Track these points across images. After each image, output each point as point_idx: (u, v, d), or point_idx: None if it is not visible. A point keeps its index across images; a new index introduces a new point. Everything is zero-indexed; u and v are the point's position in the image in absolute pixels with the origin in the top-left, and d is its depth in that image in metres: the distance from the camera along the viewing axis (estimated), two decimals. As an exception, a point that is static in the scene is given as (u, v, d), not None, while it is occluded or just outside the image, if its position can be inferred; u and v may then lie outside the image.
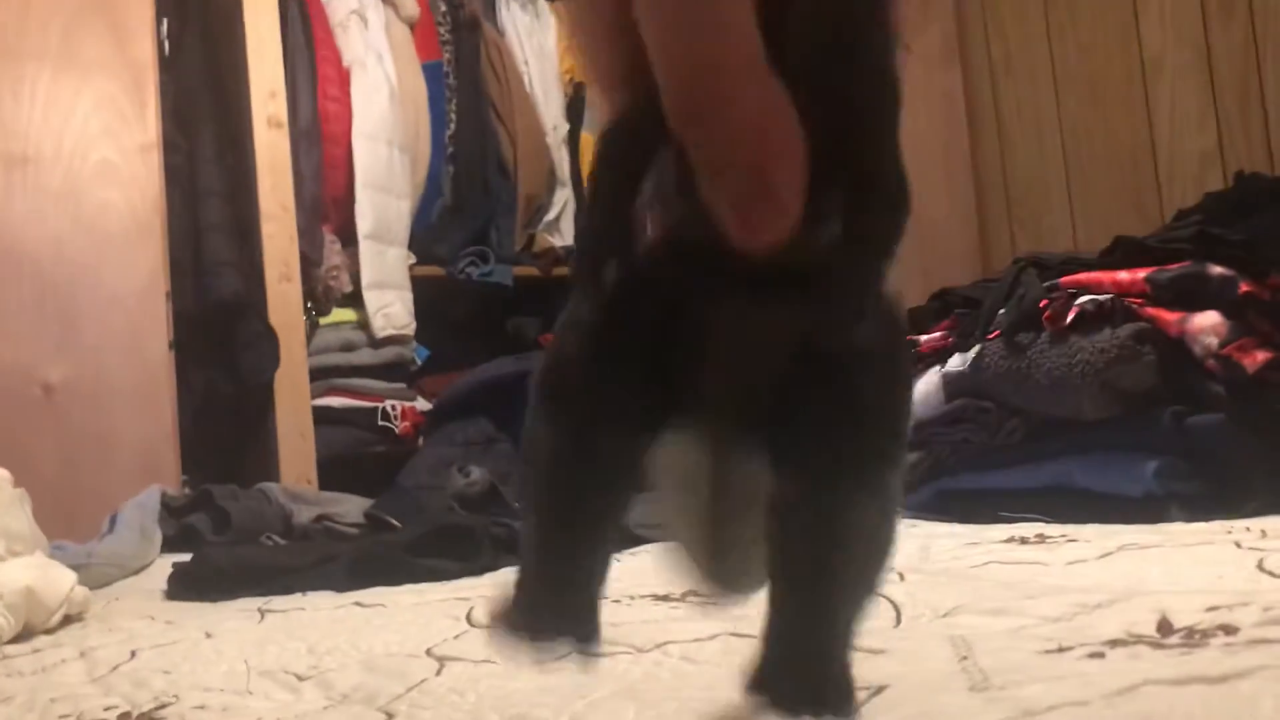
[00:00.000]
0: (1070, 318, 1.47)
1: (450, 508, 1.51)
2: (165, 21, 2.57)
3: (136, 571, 1.56)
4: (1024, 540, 1.17)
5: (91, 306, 2.24)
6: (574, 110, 3.11)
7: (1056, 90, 2.92)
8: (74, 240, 2.26)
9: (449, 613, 0.99)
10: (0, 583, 1.08)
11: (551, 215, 3.08)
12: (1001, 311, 1.58)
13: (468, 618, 0.94)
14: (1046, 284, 1.55)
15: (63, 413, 2.18)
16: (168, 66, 2.52)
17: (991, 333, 1.58)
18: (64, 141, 2.29)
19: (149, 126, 2.36)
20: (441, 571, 1.23)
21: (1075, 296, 1.49)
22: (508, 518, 1.44)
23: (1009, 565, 1.04)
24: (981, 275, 2.90)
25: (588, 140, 3.05)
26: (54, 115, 2.29)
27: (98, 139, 2.32)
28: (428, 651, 0.84)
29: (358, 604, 1.11)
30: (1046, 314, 1.51)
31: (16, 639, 1.08)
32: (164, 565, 1.52)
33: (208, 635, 1.01)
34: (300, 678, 0.81)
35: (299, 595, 1.22)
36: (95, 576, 1.44)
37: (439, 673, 0.77)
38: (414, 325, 2.78)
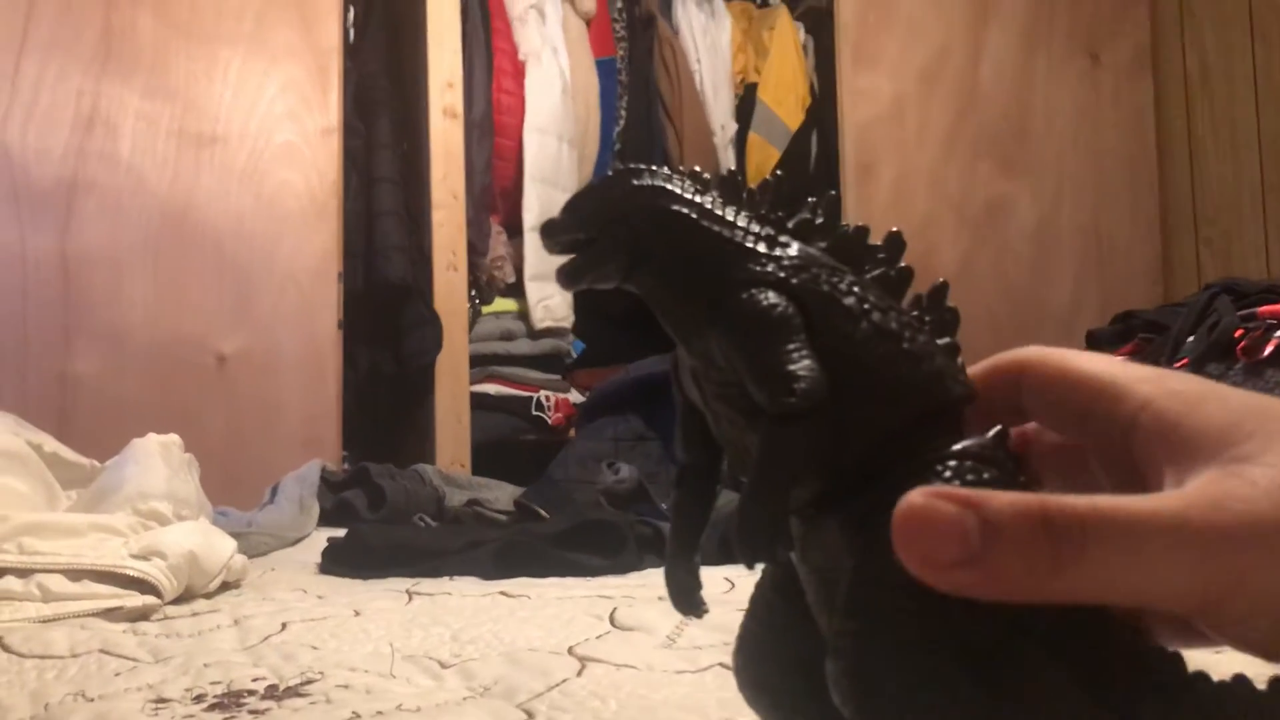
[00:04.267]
0: (1268, 350, 1.37)
1: (598, 503, 1.50)
2: (351, 10, 2.64)
3: (293, 543, 1.61)
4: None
5: (267, 282, 2.33)
6: (743, 110, 3.08)
7: (1257, 103, 2.75)
8: (254, 218, 2.34)
9: (592, 610, 0.97)
10: (166, 545, 1.12)
11: (715, 215, 3.05)
12: (1190, 339, 1.49)
13: (611, 618, 0.93)
14: (1242, 312, 1.45)
15: (233, 383, 2.27)
16: (351, 53, 2.60)
17: (1179, 360, 1.49)
18: (250, 123, 2.38)
19: (331, 111, 2.43)
20: (586, 566, 1.22)
21: (1275, 328, 1.39)
22: (654, 517, 1.42)
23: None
24: (1163, 297, 2.75)
25: (755, 141, 3.01)
26: (243, 97, 2.38)
27: (282, 121, 2.40)
28: (570, 650, 0.82)
29: (503, 593, 1.11)
30: (1241, 344, 1.41)
31: (177, 601, 1.12)
32: (319, 538, 1.56)
33: (356, 613, 1.02)
34: (443, 665, 0.81)
35: (446, 579, 1.23)
36: (254, 545, 1.48)
37: (580, 673, 0.75)
38: (572, 318, 2.80)
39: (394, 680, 0.77)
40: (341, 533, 1.50)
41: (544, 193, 2.72)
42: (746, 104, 3.07)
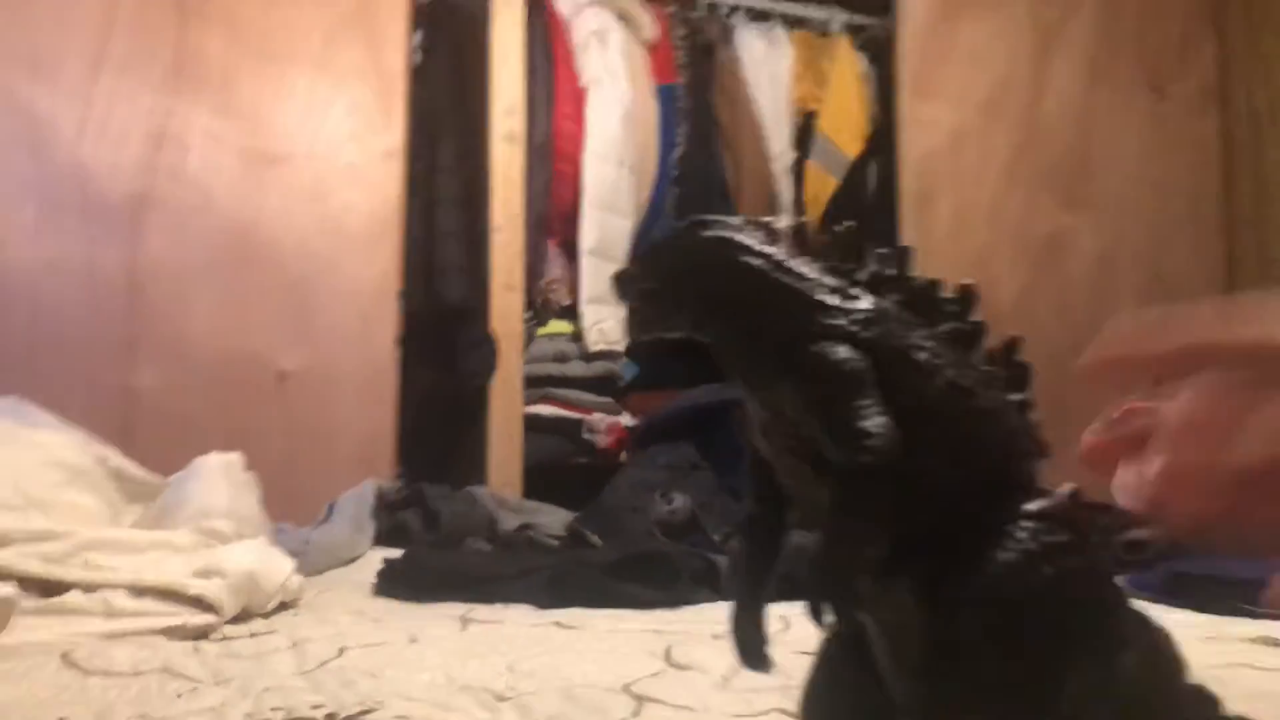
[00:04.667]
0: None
1: (651, 533, 1.50)
2: (418, 33, 2.68)
3: (348, 562, 1.62)
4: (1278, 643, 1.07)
5: (328, 301, 2.36)
6: (801, 139, 3.08)
7: (1331, 141, 2.70)
8: (317, 237, 2.38)
9: (646, 646, 0.97)
10: (226, 564, 1.14)
11: (771, 243, 3.05)
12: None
13: (666, 656, 0.93)
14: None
15: (293, 400, 2.30)
16: (416, 76, 2.63)
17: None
18: (316, 143, 2.42)
19: (395, 133, 2.47)
20: (639, 599, 1.22)
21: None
22: (707, 549, 1.42)
23: (1261, 671, 0.94)
24: (1228, 337, 2.70)
25: (813, 170, 3.01)
26: (310, 118, 2.42)
27: (346, 143, 2.44)
28: (625, 688, 0.82)
29: (557, 624, 1.12)
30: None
31: (235, 619, 1.13)
32: (374, 558, 1.57)
33: (412, 640, 1.03)
34: (499, 698, 0.81)
35: (500, 606, 1.23)
36: (310, 563, 1.49)
37: (636, 715, 0.75)
38: (626, 342, 2.80)
39: (451, 712, 0.78)
40: (396, 553, 1.51)
41: (602, 217, 2.73)
42: (805, 132, 3.07)
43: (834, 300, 0.43)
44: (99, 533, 1.14)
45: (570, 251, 2.79)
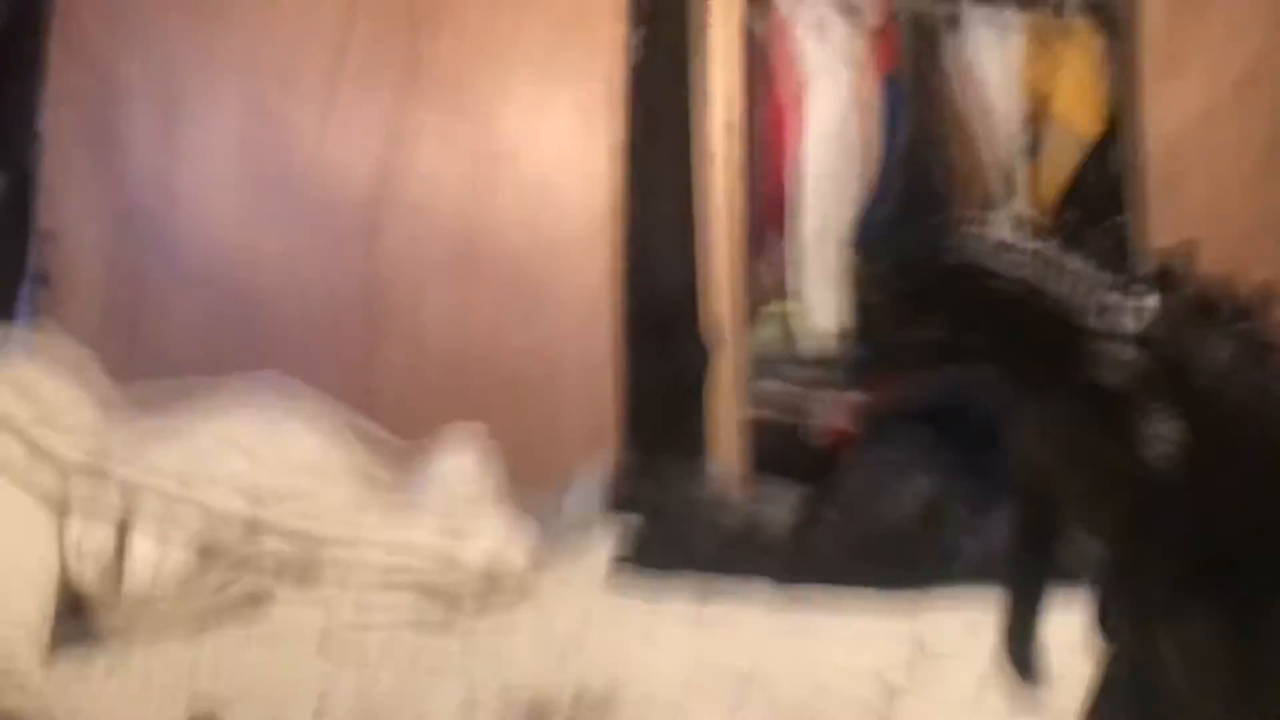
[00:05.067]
0: None
1: (889, 517, 1.46)
2: (638, 30, 2.70)
3: (582, 539, 1.62)
4: None
5: (553, 290, 2.40)
6: (1033, 124, 2.94)
7: None
8: (543, 230, 2.42)
9: (893, 632, 0.93)
10: (470, 553, 1.16)
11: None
12: None
13: (918, 643, 0.89)
14: None
15: (523, 384, 2.35)
16: (635, 72, 2.64)
17: None
18: (540, 140, 2.47)
19: (615, 129, 2.49)
20: (882, 582, 1.18)
21: None
22: (951, 533, 1.36)
23: None
24: None
25: (1047, 156, 2.87)
26: (535, 116, 2.47)
27: (569, 139, 2.48)
28: (877, 676, 0.79)
29: (795, 606, 1.09)
30: None
31: (476, 603, 1.15)
32: (606, 534, 1.57)
33: (651, 620, 1.02)
34: (742, 683, 0.79)
35: (734, 589, 1.21)
36: (545, 540, 1.51)
37: (890, 703, 0.72)
38: (850, 325, 2.74)
39: (696, 698, 0.76)
40: (630, 528, 1.52)
41: (822, 203, 2.70)
42: (1037, 117, 2.93)
43: (1114, 299, 0.40)
44: (350, 521, 1.18)
45: (788, 235, 2.75)
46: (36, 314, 2.25)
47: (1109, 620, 0.38)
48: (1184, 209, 2.55)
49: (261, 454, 1.15)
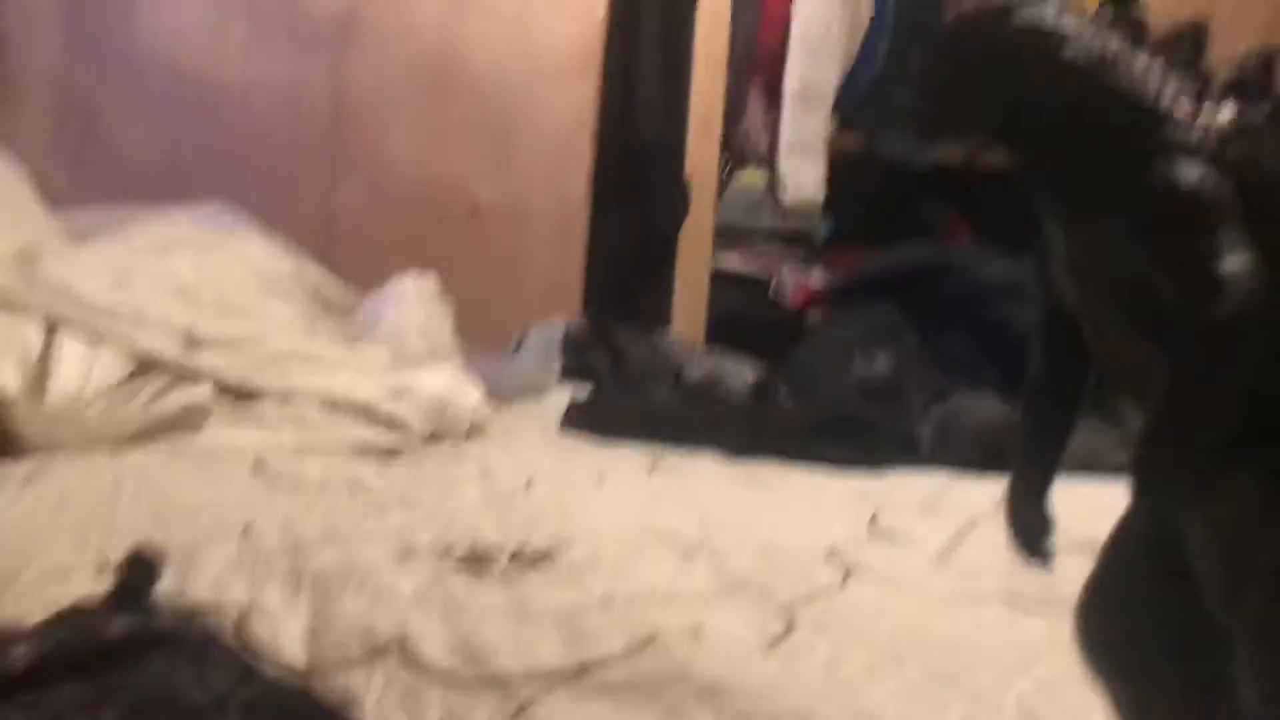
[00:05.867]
0: None
1: (849, 394, 1.43)
2: None
3: (534, 395, 1.60)
4: None
5: (524, 134, 2.30)
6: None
7: None
8: (516, 67, 2.31)
9: (848, 510, 0.91)
10: (418, 387, 1.12)
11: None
12: None
13: (871, 522, 0.86)
14: None
15: (485, 233, 2.28)
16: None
17: None
18: (520, -32, 2.34)
19: (600, -36, 2.36)
20: (835, 459, 1.15)
21: None
22: (908, 415, 1.34)
23: None
24: None
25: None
26: (516, -58, 2.33)
27: (551, -31, 2.35)
28: (829, 552, 0.76)
29: (749, 476, 1.06)
30: None
31: (424, 443, 1.12)
32: (560, 394, 1.55)
33: (600, 478, 1.00)
34: (691, 549, 0.77)
35: (687, 453, 1.19)
36: (497, 393, 1.48)
37: (844, 583, 0.69)
38: (824, 195, 2.68)
39: (641, 559, 0.73)
40: (583, 389, 1.49)
41: (810, 59, 2.58)
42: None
43: (1185, 108, 0.34)
44: (294, 344, 1.14)
45: (773, 97, 2.65)
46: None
47: (1144, 488, 0.34)
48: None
49: (199, 295, 1.09)
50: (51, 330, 0.97)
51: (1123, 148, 0.34)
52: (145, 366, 1.01)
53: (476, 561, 0.68)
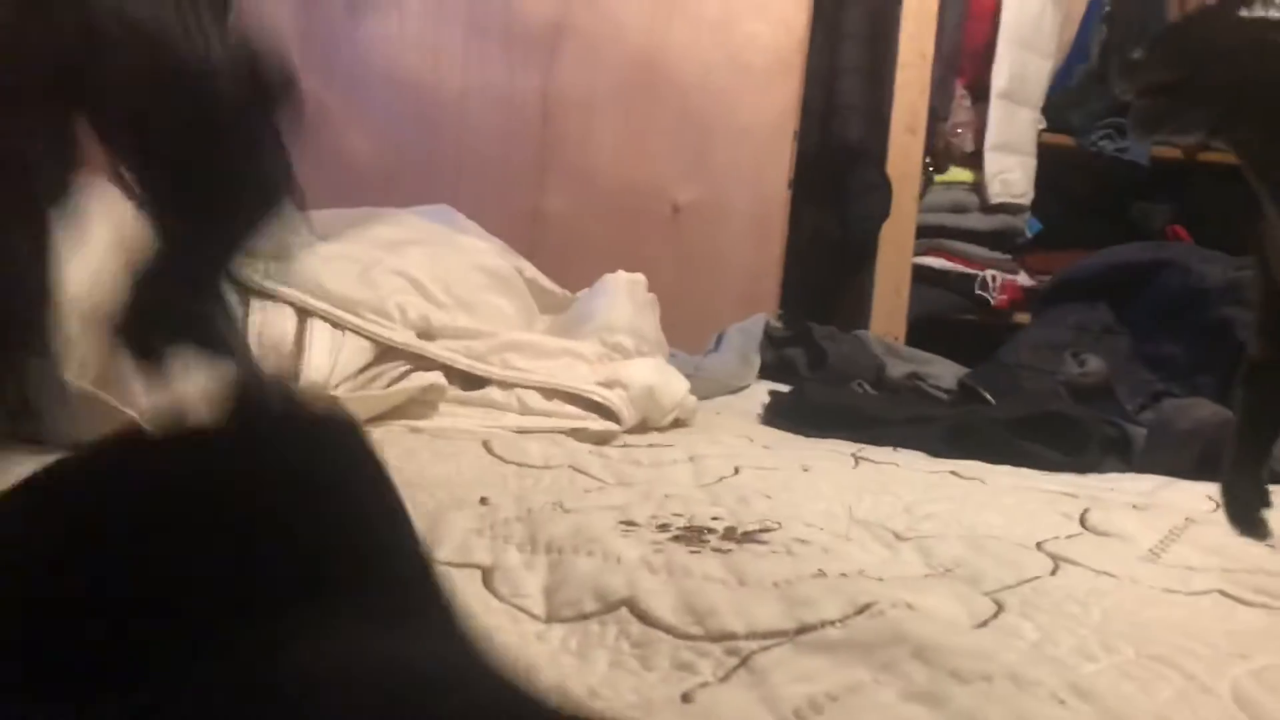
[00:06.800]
0: None
1: (1056, 394, 1.40)
2: None
3: (734, 391, 1.64)
4: None
5: (725, 135, 2.35)
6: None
7: None
8: (718, 70, 2.36)
9: (1057, 507, 0.90)
10: (628, 377, 1.17)
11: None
12: None
13: (1081, 519, 0.86)
14: None
15: (686, 232, 2.33)
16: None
17: None
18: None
19: (803, -36, 2.37)
20: (1044, 460, 1.14)
21: None
22: (1119, 417, 1.31)
23: None
24: None
25: None
26: (721, -52, 2.37)
27: (754, -26, 2.38)
28: (1038, 545, 0.77)
29: (954, 473, 1.07)
30: None
31: (633, 430, 1.17)
32: (759, 390, 1.58)
33: (805, 469, 1.02)
34: (898, 536, 0.78)
35: (890, 449, 1.20)
36: (700, 388, 1.52)
37: (1054, 572, 0.70)
38: (1031, 195, 2.62)
39: (850, 544, 0.75)
40: (781, 387, 1.51)
41: (1018, 55, 2.54)
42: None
43: None
44: (516, 335, 1.21)
45: (979, 94, 2.61)
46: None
47: None
48: None
49: (431, 290, 1.17)
50: (302, 320, 1.06)
51: None
52: (385, 354, 1.10)
53: (693, 535, 0.72)
